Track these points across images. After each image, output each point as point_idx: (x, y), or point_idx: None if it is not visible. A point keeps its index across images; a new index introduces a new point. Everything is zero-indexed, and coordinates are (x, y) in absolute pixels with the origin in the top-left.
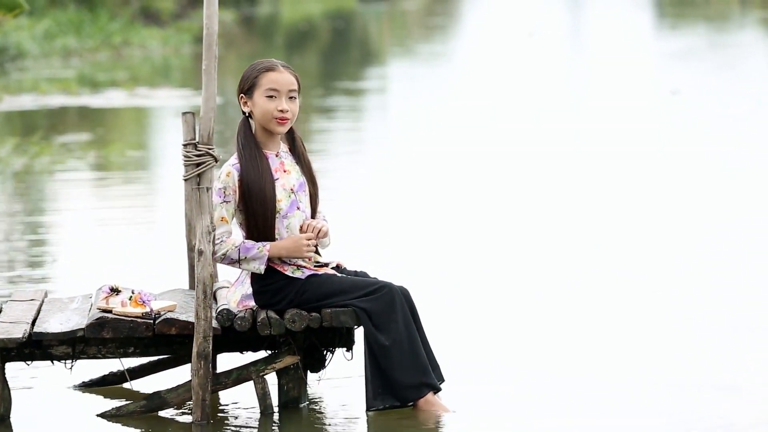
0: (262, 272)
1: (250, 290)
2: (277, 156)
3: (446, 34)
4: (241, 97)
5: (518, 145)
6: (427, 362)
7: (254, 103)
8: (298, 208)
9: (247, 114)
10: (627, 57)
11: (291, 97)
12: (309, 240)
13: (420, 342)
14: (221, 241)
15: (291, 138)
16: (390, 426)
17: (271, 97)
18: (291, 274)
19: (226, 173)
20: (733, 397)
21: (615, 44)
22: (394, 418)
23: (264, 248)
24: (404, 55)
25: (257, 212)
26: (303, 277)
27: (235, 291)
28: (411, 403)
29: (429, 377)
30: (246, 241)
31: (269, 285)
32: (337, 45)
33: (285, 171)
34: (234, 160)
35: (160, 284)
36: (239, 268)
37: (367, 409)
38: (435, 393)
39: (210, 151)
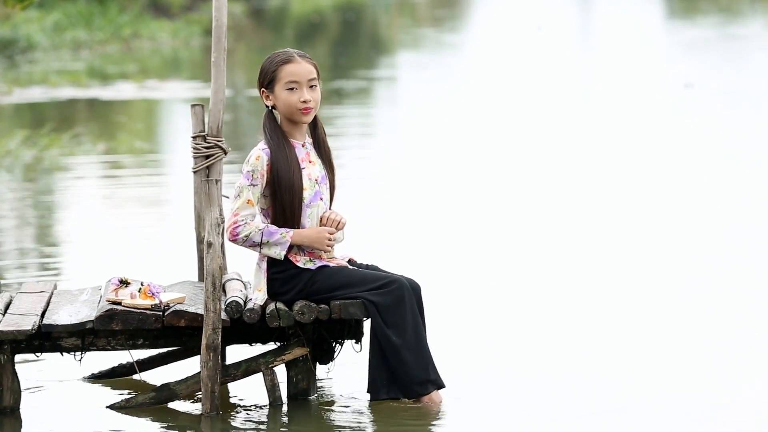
0: (282, 258)
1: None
2: (303, 146)
3: (455, 26)
4: (263, 91)
5: (527, 137)
6: (432, 359)
7: (276, 97)
8: (321, 199)
9: (270, 107)
10: (637, 49)
11: (311, 86)
12: (331, 234)
13: (426, 340)
14: (245, 223)
15: (313, 124)
16: (397, 417)
17: (292, 89)
18: (302, 266)
19: (256, 157)
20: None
21: (625, 37)
22: (400, 409)
23: (287, 234)
24: (413, 47)
25: (285, 201)
26: (314, 269)
27: (256, 280)
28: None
29: (434, 374)
30: (270, 225)
31: (280, 273)
32: (347, 37)
33: (310, 161)
34: (263, 145)
35: (169, 276)
36: (259, 252)
37: (372, 399)
38: (438, 390)
39: (219, 143)
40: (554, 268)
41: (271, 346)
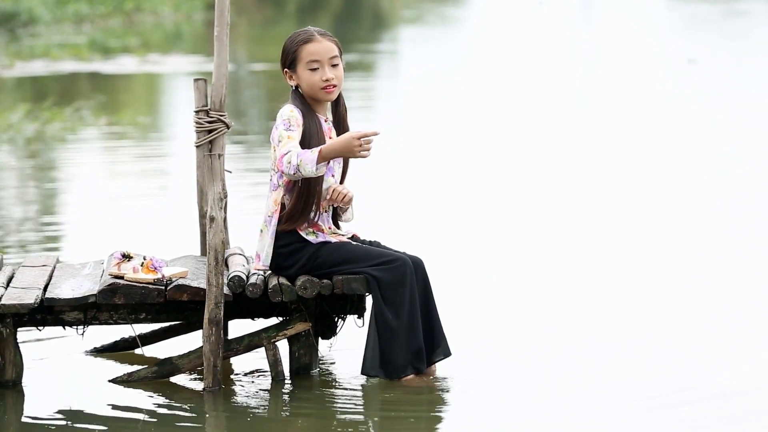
0: (315, 173)
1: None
2: (326, 122)
3: (457, 0)
4: (286, 71)
5: (529, 113)
6: (421, 345)
7: (299, 77)
8: (333, 176)
9: (294, 87)
10: (640, 25)
11: (333, 65)
12: (360, 137)
13: (419, 323)
14: (289, 151)
15: (336, 102)
16: (398, 394)
17: (314, 69)
18: (305, 236)
19: (290, 110)
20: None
21: (627, 12)
22: (401, 386)
23: (315, 150)
24: (415, 21)
25: None
26: (315, 242)
27: (259, 245)
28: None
29: (417, 361)
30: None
31: (283, 247)
32: (349, 10)
33: (330, 137)
34: (293, 106)
35: (171, 251)
36: (299, 175)
37: (361, 373)
38: (417, 374)
39: (222, 118)
40: (556, 244)
41: (273, 320)
